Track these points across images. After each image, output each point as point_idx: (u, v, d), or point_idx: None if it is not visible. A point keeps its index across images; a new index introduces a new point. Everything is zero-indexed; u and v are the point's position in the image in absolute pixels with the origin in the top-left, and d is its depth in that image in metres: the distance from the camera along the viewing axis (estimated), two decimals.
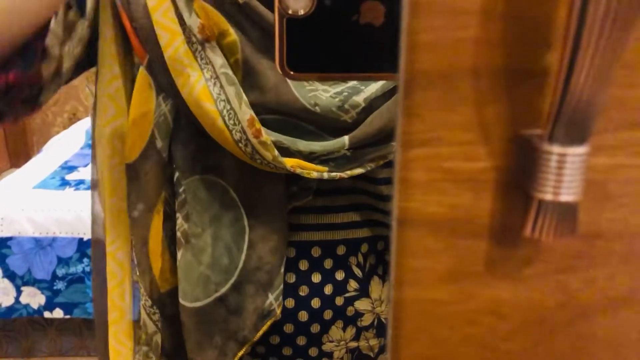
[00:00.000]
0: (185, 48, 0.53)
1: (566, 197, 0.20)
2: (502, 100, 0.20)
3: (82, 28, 0.57)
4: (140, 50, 0.56)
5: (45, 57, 0.53)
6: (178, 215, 0.59)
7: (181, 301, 0.59)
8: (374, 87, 0.56)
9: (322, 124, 0.56)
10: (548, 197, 0.20)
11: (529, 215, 0.20)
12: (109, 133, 0.61)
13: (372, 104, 0.56)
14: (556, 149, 0.19)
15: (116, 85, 0.60)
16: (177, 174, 0.58)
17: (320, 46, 0.30)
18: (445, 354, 0.24)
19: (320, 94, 0.55)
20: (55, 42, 0.54)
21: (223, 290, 0.59)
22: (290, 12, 0.28)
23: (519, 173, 0.21)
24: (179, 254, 0.59)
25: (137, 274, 0.61)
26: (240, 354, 0.60)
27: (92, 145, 0.64)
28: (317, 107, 0.54)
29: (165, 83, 0.56)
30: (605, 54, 0.18)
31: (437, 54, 0.20)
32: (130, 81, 0.61)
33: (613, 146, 0.21)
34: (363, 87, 0.56)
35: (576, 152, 0.19)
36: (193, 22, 0.54)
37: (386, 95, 0.56)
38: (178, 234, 0.59)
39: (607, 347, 0.24)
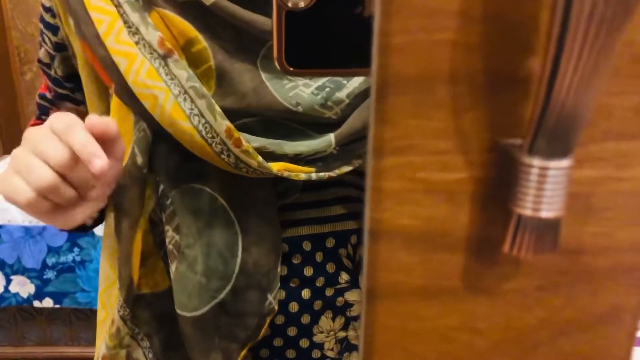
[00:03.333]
0: (147, 68, 0.52)
1: (547, 213, 0.18)
2: (481, 107, 0.19)
3: None
4: (107, 78, 0.55)
5: None
6: (167, 227, 0.58)
7: (179, 312, 0.58)
8: (356, 82, 0.54)
9: (307, 122, 0.55)
10: (528, 212, 0.19)
11: (508, 230, 0.19)
12: None
13: (357, 100, 0.55)
14: (537, 162, 0.18)
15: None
16: (161, 187, 0.57)
17: (322, 41, 0.28)
18: None
19: (302, 90, 0.54)
20: None
21: (221, 296, 0.58)
22: (290, 4, 0.27)
23: (498, 185, 0.20)
24: (173, 267, 0.58)
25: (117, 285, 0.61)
26: (243, 353, 0.60)
27: None
28: (299, 107, 0.53)
29: (135, 107, 0.54)
30: (591, 59, 0.17)
31: (412, 58, 0.18)
32: (104, 111, 0.60)
33: (598, 158, 0.20)
34: (345, 82, 0.54)
35: (558, 166, 0.18)
36: (152, 36, 0.52)
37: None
38: (170, 246, 0.58)
39: None
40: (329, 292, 0.62)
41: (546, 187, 0.18)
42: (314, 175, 0.55)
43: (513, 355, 0.23)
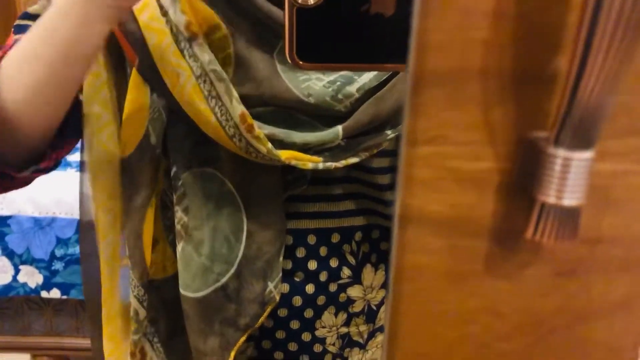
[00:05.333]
0: (174, 48, 0.53)
1: (569, 201, 0.20)
2: (510, 102, 0.20)
3: None
4: (131, 53, 0.56)
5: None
6: (177, 208, 0.59)
7: (182, 292, 0.60)
8: (367, 77, 0.56)
9: (316, 114, 0.56)
10: (551, 200, 0.20)
11: (532, 217, 0.21)
12: (100, 139, 0.60)
13: (367, 94, 0.56)
14: (561, 152, 0.19)
15: (104, 94, 0.59)
16: (174, 168, 0.59)
17: (330, 36, 0.30)
18: (441, 352, 0.24)
19: (314, 83, 0.55)
20: None
21: (224, 279, 0.59)
22: (300, 1, 0.28)
23: (523, 175, 0.21)
24: (179, 247, 0.60)
25: (130, 265, 0.62)
26: (241, 340, 0.61)
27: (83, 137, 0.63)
28: (310, 98, 0.55)
29: (157, 84, 0.56)
30: (616, 60, 0.18)
31: (447, 54, 0.20)
32: (120, 86, 0.60)
33: (618, 152, 0.21)
34: (356, 77, 0.56)
35: (581, 157, 0.19)
36: (179, 19, 0.54)
37: (380, 85, 0.56)
38: (178, 227, 0.59)
39: (604, 350, 0.24)
40: (332, 287, 0.63)
41: (569, 177, 0.19)
42: (320, 165, 0.56)
43: (531, 338, 0.24)
